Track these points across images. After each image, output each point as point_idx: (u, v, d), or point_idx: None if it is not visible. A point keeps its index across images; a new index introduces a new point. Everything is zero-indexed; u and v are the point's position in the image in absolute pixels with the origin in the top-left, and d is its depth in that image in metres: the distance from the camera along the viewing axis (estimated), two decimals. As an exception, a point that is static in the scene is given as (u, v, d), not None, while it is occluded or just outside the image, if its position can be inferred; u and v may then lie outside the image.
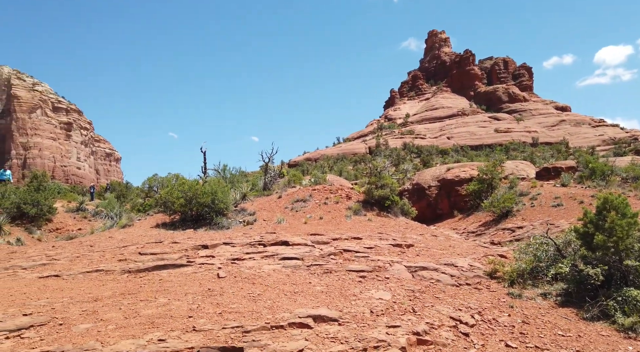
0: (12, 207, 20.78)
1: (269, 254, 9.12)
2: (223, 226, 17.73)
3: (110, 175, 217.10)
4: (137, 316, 5.11)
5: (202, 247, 9.90)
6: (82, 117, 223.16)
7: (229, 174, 31.09)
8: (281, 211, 19.62)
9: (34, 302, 5.68)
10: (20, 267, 8.39)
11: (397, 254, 9.79)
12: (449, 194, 26.47)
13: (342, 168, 57.27)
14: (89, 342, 4.20)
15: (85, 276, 7.61)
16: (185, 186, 19.52)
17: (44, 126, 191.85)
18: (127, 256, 9.08)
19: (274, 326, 4.78)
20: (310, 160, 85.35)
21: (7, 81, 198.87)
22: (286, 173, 34.41)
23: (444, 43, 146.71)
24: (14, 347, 4.13)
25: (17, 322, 4.74)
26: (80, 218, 24.47)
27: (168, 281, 7.07)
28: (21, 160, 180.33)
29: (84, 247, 11.02)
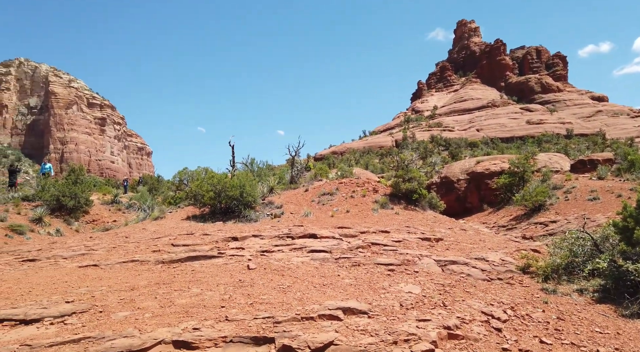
0: (52, 199, 21.66)
1: (298, 246, 9.20)
2: (251, 218, 18.00)
3: (142, 168, 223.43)
4: (171, 305, 5.27)
5: (232, 239, 10.09)
6: (115, 113, 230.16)
7: (257, 167, 31.43)
8: (308, 204, 19.71)
9: (75, 290, 5.94)
10: (61, 256, 8.79)
11: (426, 248, 9.69)
12: (479, 188, 25.94)
13: (368, 161, 56.95)
14: (127, 329, 4.36)
15: (122, 265, 7.89)
16: (214, 180, 19.87)
17: (80, 121, 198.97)
18: (160, 247, 9.35)
19: (304, 317, 4.83)
20: (336, 153, 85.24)
21: (45, 78, 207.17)
22: (312, 166, 34.52)
23: (473, 33, 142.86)
24: (58, 333, 4.34)
25: (60, 309, 4.98)
26: (114, 210, 25.33)
27: (200, 272, 7.25)
28: (59, 154, 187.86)
29: (120, 239, 11.41)
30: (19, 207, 20.78)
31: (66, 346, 3.98)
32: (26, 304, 5.15)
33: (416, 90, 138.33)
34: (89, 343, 4.04)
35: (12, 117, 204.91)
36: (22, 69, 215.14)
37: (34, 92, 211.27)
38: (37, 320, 4.69)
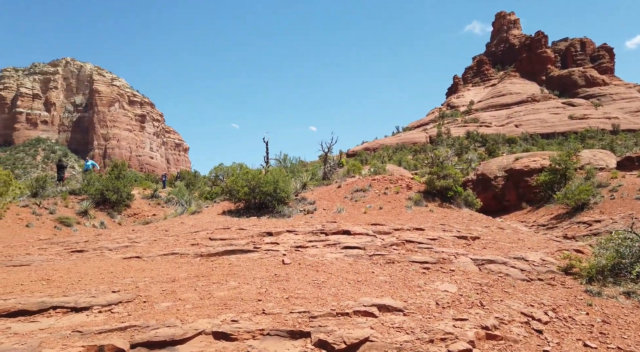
0: (97, 193, 22.70)
1: (331, 242, 9.25)
2: (284, 214, 18.20)
3: (179, 164, 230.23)
4: (210, 297, 5.43)
5: (267, 234, 10.26)
6: (154, 110, 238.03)
7: (290, 163, 31.69)
8: (341, 200, 19.72)
9: (120, 281, 6.23)
10: (106, 248, 9.22)
11: (462, 247, 9.51)
12: (517, 185, 25.13)
13: (401, 158, 56.28)
14: (170, 319, 4.54)
15: (163, 258, 8.20)
16: (249, 175, 20.21)
17: (121, 118, 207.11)
18: (198, 241, 9.64)
19: (339, 313, 4.87)
20: (368, 150, 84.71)
21: (90, 77, 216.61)
22: (345, 163, 34.47)
23: (513, 25, 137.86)
24: (106, 320, 4.57)
25: (108, 298, 5.24)
26: (154, 204, 26.26)
27: (237, 266, 7.43)
28: (102, 150, 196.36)
29: (160, 232, 11.83)
30: (66, 201, 21.90)
31: (114, 333, 4.19)
32: (76, 292, 5.44)
33: (452, 85, 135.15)
34: (135, 331, 4.23)
35: (60, 115, 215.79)
36: (68, 68, 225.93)
37: (79, 91, 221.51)
38: (86, 308, 4.96)
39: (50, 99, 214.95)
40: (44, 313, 4.83)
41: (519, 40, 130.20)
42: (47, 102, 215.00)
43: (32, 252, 9.09)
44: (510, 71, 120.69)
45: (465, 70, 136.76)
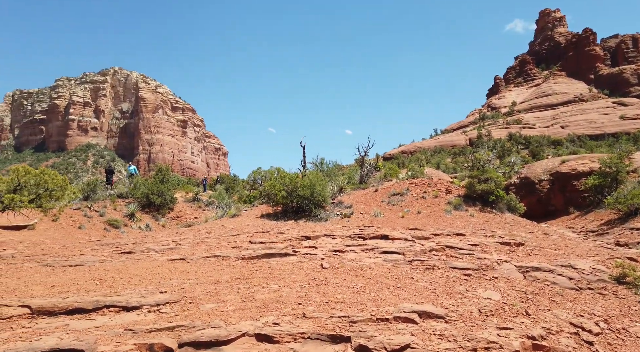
0: (142, 197, 23.68)
1: (369, 247, 9.22)
2: (321, 218, 18.29)
3: (219, 168, 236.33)
4: (252, 299, 5.57)
5: (305, 238, 10.36)
6: (195, 115, 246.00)
7: (326, 167, 31.76)
8: (378, 204, 19.58)
9: (167, 282, 6.49)
10: (153, 250, 9.62)
11: (506, 253, 9.22)
12: (564, 189, 24.04)
13: (440, 161, 55.19)
14: (214, 320, 4.70)
15: (206, 260, 8.46)
16: (286, 179, 20.48)
17: (165, 124, 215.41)
18: (239, 244, 9.88)
19: (379, 319, 4.86)
20: (405, 153, 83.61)
21: (136, 85, 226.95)
22: (382, 166, 34.18)
23: (558, 22, 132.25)
24: (155, 320, 4.79)
25: (156, 298, 5.48)
26: (195, 207, 27.09)
27: (276, 269, 7.56)
28: (147, 154, 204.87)
29: (202, 235, 12.21)
30: (114, 204, 22.98)
31: (162, 332, 4.39)
32: (127, 292, 5.73)
33: (492, 86, 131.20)
34: (182, 331, 4.41)
35: (108, 121, 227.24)
36: (116, 77, 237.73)
37: (126, 98, 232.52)
38: (137, 307, 5.21)
39: (99, 106, 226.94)
40: (98, 311, 5.12)
41: (565, 38, 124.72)
42: (97, 110, 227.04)
43: (85, 253, 9.63)
44: (555, 70, 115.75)
45: (507, 70, 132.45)
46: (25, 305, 5.09)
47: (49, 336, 4.27)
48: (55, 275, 7.18)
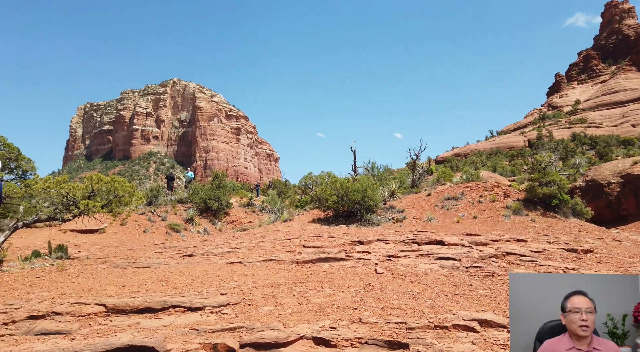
0: (200, 202, 24.78)
1: (424, 253, 9.05)
2: (373, 222, 18.19)
3: (270, 173, 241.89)
4: (308, 303, 5.66)
5: (358, 243, 10.36)
6: (248, 123, 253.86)
7: (377, 171, 31.56)
8: (431, 209, 19.16)
9: (227, 284, 6.75)
10: (212, 253, 10.05)
11: (572, 260, 8.69)
12: (637, 192, 22.27)
13: (496, 163, 52.92)
14: (273, 322, 4.83)
15: (262, 264, 8.71)
16: (337, 184, 20.58)
17: (219, 132, 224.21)
18: (293, 248, 10.07)
19: (437, 326, 4.77)
20: (459, 155, 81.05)
21: (193, 95, 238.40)
22: (434, 170, 33.40)
23: (626, 14, 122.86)
24: (217, 321, 5.01)
25: (217, 300, 5.72)
26: (249, 212, 27.88)
27: (330, 273, 7.63)
28: (203, 161, 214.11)
29: (257, 239, 12.56)
30: (175, 209, 24.20)
31: (225, 333, 4.58)
32: (191, 293, 6.03)
33: (553, 84, 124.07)
34: (243, 332, 4.58)
35: (168, 130, 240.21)
36: (175, 88, 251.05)
37: (184, 108, 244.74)
38: (200, 308, 5.47)
39: (160, 116, 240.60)
40: (165, 311, 5.43)
41: (634, 30, 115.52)
42: (158, 119, 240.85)
43: (151, 256, 10.23)
44: (624, 65, 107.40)
45: (569, 67, 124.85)
46: (101, 303, 5.51)
47: (123, 333, 4.59)
48: (125, 276, 7.70)
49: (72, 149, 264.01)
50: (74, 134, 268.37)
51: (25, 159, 14.81)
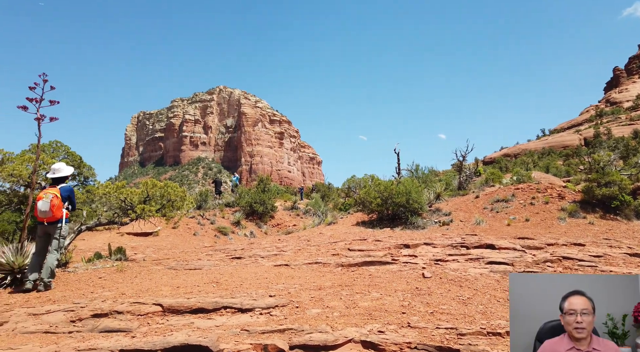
0: (246, 205, 25.41)
1: (473, 257, 8.80)
2: (418, 225, 17.89)
3: (313, 177, 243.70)
4: (355, 306, 5.67)
5: (404, 247, 10.23)
6: (291, 127, 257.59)
7: (422, 173, 31.04)
8: (479, 211, 18.58)
9: (274, 286, 6.89)
10: (259, 256, 10.28)
11: (637, 265, 8.13)
12: None
13: (549, 164, 50.37)
14: (321, 325, 4.88)
15: (308, 266, 8.81)
16: (380, 187, 20.43)
17: (263, 137, 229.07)
18: (338, 251, 10.10)
19: (490, 332, 4.63)
20: (508, 156, 77.94)
21: (238, 101, 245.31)
22: (482, 171, 32.35)
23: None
24: (267, 322, 5.12)
25: (266, 301, 5.86)
26: (294, 215, 28.23)
27: (377, 277, 7.59)
28: (248, 166, 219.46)
29: (302, 242, 12.70)
30: (223, 212, 24.95)
31: (274, 334, 4.68)
32: (240, 295, 6.21)
33: (611, 79, 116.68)
34: (292, 334, 4.66)
35: (215, 136, 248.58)
36: (221, 95, 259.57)
37: (229, 114, 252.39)
38: (250, 310, 5.62)
39: (207, 123, 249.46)
40: (217, 312, 5.63)
41: None
42: (205, 126, 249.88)
43: (202, 258, 10.62)
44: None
45: (628, 60, 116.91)
46: (158, 303, 5.80)
47: (179, 332, 4.80)
48: (178, 277, 8.04)
49: (127, 156, 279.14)
50: (129, 142, 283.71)
51: (86, 166, 15.85)
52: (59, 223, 7.46)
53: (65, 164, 7.93)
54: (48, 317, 5.49)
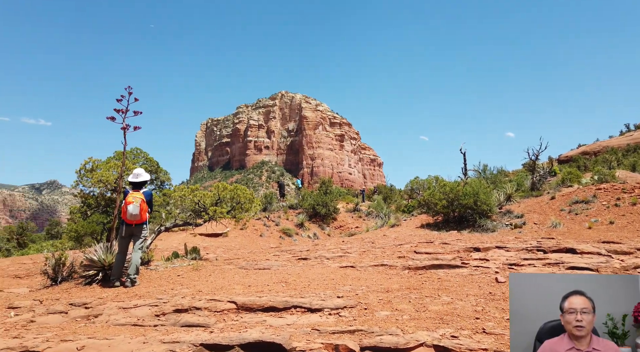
0: (309, 207, 25.84)
1: (552, 261, 8.26)
2: (488, 228, 17.14)
3: (374, 178, 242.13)
4: (425, 310, 5.56)
5: (474, 250, 9.85)
6: (352, 129, 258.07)
7: (490, 174, 29.73)
8: (555, 213, 17.42)
9: (341, 287, 6.95)
10: (324, 257, 10.41)
11: None
12: None
13: (635, 162, 45.85)
14: (391, 327, 4.85)
15: (374, 268, 8.77)
16: (446, 188, 19.84)
17: (324, 139, 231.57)
18: (404, 254, 9.96)
19: (574, 343, 4.33)
20: (587, 154, 72.04)
21: (299, 106, 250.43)
22: (558, 170, 30.32)
23: None
24: (336, 323, 5.19)
25: (335, 302, 5.93)
26: (356, 217, 28.22)
27: (446, 281, 7.38)
28: (309, 169, 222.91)
29: (366, 244, 12.67)
30: (287, 214, 25.56)
31: (344, 335, 4.72)
32: (309, 295, 6.34)
33: None
34: (362, 335, 4.68)
35: (277, 140, 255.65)
36: (283, 100, 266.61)
37: (291, 118, 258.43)
38: (319, 310, 5.72)
39: (270, 127, 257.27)
40: (287, 311, 5.79)
41: None
42: (268, 130, 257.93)
43: (270, 259, 10.97)
44: None
45: None
46: (232, 301, 6.08)
47: (253, 329, 5.01)
48: (249, 276, 8.38)
49: (197, 161, 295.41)
50: (199, 147, 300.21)
51: (162, 171, 17.00)
52: (144, 225, 8.10)
53: (144, 170, 8.58)
54: (135, 311, 5.97)
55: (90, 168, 11.25)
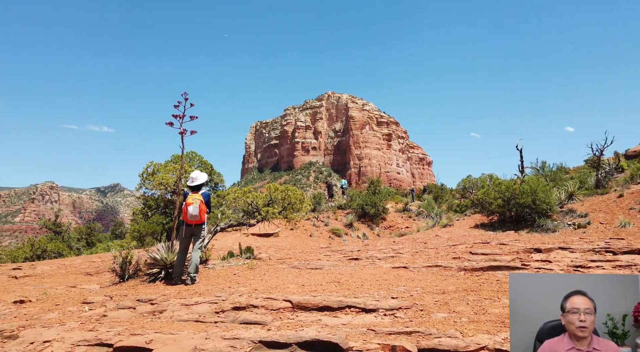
0: (358, 208, 25.75)
1: (623, 263, 7.70)
2: (548, 228, 16.31)
3: (423, 178, 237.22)
4: (485, 313, 5.38)
5: (535, 251, 9.39)
6: (399, 128, 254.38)
7: (549, 171, 28.30)
8: (624, 212, 16.27)
9: (395, 288, 6.88)
10: (376, 257, 10.34)
11: None
12: None
13: None
14: (449, 330, 4.74)
15: (427, 269, 8.60)
16: (501, 187, 19.07)
17: (371, 139, 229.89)
18: (459, 255, 9.68)
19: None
20: (660, 146, 66.35)
21: (345, 106, 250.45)
22: (626, 166, 28.28)
23: None
24: (392, 323, 5.14)
25: (389, 303, 5.88)
26: (406, 217, 27.77)
27: (505, 283, 7.09)
28: (357, 169, 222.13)
29: (419, 244, 12.44)
30: (336, 215, 25.63)
31: (401, 336, 4.67)
32: (363, 295, 6.33)
33: None
34: (419, 337, 4.61)
35: (324, 141, 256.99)
36: (329, 100, 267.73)
37: (337, 118, 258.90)
38: (373, 310, 5.70)
39: (317, 128, 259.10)
40: (341, 310, 5.82)
41: None
42: (315, 131, 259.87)
43: (321, 259, 11.06)
44: None
45: None
46: (287, 300, 6.20)
47: (309, 328, 5.08)
48: (302, 276, 8.50)
49: (247, 163, 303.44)
50: (248, 150, 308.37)
51: (216, 173, 17.63)
52: (203, 225, 8.46)
53: (200, 172, 8.94)
54: (197, 308, 6.24)
55: (151, 171, 11.89)
